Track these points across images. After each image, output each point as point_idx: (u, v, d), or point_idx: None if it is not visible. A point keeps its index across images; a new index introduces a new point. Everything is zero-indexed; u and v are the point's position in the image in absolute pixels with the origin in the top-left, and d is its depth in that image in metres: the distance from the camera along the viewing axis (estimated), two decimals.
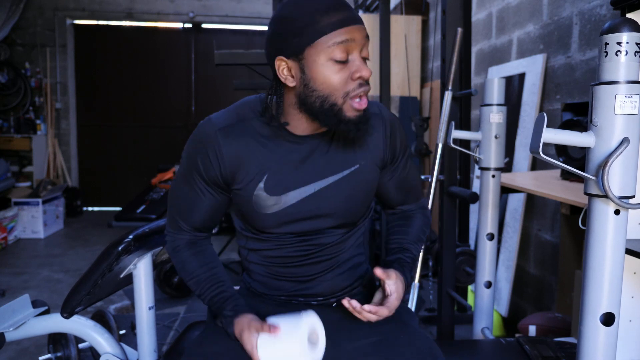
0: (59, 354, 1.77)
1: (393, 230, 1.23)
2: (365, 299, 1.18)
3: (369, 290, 1.22)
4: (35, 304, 1.52)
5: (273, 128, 1.04)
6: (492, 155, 1.83)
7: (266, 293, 1.16)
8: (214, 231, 1.21)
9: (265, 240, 1.11)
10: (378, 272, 1.03)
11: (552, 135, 0.88)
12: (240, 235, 1.18)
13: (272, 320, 0.97)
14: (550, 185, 1.87)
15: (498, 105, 1.81)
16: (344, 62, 0.95)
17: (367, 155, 1.09)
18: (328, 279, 1.13)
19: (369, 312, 0.99)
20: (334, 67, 0.94)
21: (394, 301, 1.03)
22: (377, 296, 1.06)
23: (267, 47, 1.00)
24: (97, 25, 6.33)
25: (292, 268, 1.12)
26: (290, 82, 0.98)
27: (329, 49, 0.93)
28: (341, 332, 1.09)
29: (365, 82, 0.97)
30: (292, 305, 1.15)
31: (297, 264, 1.11)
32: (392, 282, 1.03)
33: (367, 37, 0.98)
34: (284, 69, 0.98)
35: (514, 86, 2.83)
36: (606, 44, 0.86)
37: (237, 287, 1.26)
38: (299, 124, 1.03)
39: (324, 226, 1.09)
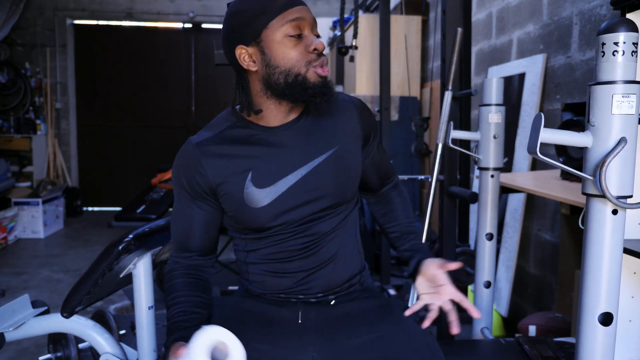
0: (59, 354, 1.77)
1: (383, 219, 1.33)
2: (363, 297, 1.19)
3: (366, 289, 1.22)
4: (35, 304, 1.52)
5: (247, 129, 1.11)
6: (490, 155, 1.83)
7: (265, 293, 1.16)
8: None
9: (264, 237, 1.12)
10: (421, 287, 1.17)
11: (550, 136, 0.88)
12: (238, 240, 1.19)
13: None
14: (550, 185, 1.88)
15: (497, 105, 1.81)
16: (298, 37, 1.04)
17: (344, 135, 1.15)
18: (326, 273, 1.13)
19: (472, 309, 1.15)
20: (290, 42, 1.03)
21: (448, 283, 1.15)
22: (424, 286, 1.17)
23: (225, 42, 1.08)
24: (97, 25, 6.34)
25: (290, 262, 1.12)
26: (253, 67, 1.06)
27: (283, 27, 1.02)
28: (340, 330, 1.10)
29: (321, 54, 1.06)
30: (290, 304, 1.15)
31: (296, 257, 1.12)
32: (435, 273, 1.14)
33: (314, 18, 1.07)
34: (245, 56, 1.06)
35: (514, 86, 2.83)
36: (603, 44, 0.86)
37: (235, 288, 1.26)
38: (269, 113, 1.09)
39: (318, 208, 1.11)
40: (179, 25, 6.37)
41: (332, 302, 1.17)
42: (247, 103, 1.10)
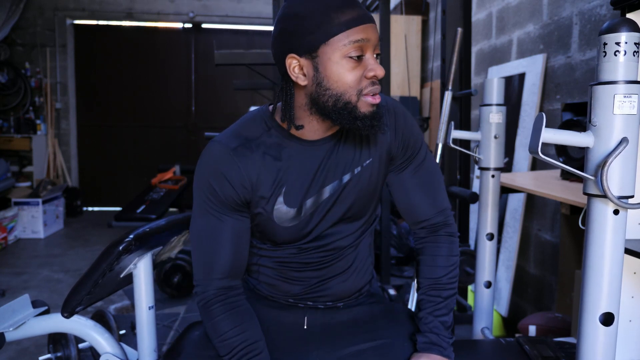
0: (59, 354, 1.77)
1: (419, 266, 1.16)
2: (369, 303, 1.18)
3: (372, 294, 1.22)
4: (35, 304, 1.52)
5: (284, 139, 1.02)
6: (491, 155, 1.83)
7: (272, 295, 1.14)
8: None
9: (282, 249, 1.09)
10: None
11: (551, 136, 0.88)
12: (252, 244, 1.13)
13: None
14: (550, 185, 1.88)
15: (497, 105, 1.81)
16: (358, 60, 0.94)
17: (377, 148, 1.07)
18: (339, 282, 1.12)
19: None
20: (348, 65, 0.93)
21: None
22: None
23: (276, 45, 0.97)
24: (97, 25, 6.33)
25: (306, 272, 1.10)
26: (302, 81, 0.96)
27: (344, 47, 0.92)
28: (344, 337, 1.10)
29: (378, 82, 0.97)
30: (297, 309, 1.14)
31: (313, 268, 1.09)
32: None
33: (379, 37, 0.98)
34: (295, 67, 0.95)
35: (514, 86, 2.83)
36: (605, 44, 0.86)
37: None
38: (310, 128, 1.01)
39: (340, 224, 1.07)
40: (179, 25, 6.37)
41: (340, 305, 1.16)
42: (289, 116, 1.00)
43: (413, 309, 1.98)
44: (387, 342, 1.06)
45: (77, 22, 6.28)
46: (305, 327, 1.13)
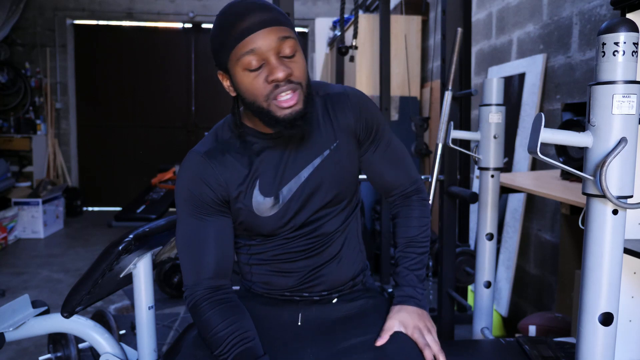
0: (59, 354, 1.77)
1: (395, 228, 1.25)
2: (364, 297, 1.20)
3: (368, 289, 1.23)
4: (35, 304, 1.52)
5: (249, 137, 1.09)
6: (491, 155, 1.83)
7: (268, 292, 1.17)
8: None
9: (270, 241, 1.12)
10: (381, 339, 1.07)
11: (550, 136, 0.88)
12: (242, 244, 1.16)
13: None
14: (550, 185, 1.88)
15: (497, 105, 1.81)
16: (257, 70, 0.96)
17: (342, 131, 1.12)
18: (330, 271, 1.14)
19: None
20: (248, 76, 0.97)
21: (413, 331, 1.09)
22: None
23: None
24: (97, 25, 6.34)
25: (297, 262, 1.13)
26: (232, 92, 1.05)
27: (239, 61, 0.96)
28: (338, 332, 1.10)
29: (286, 82, 0.96)
30: (293, 303, 1.15)
31: (301, 257, 1.12)
32: (394, 326, 1.09)
33: (283, 37, 0.96)
34: (224, 81, 1.05)
35: (514, 86, 2.83)
36: (603, 44, 0.86)
37: (236, 288, 1.26)
38: (262, 125, 1.06)
39: (320, 205, 1.11)
40: (179, 25, 6.37)
41: (334, 301, 1.17)
42: (235, 121, 1.09)
43: None
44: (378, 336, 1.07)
45: (77, 22, 6.28)
46: (299, 323, 1.14)
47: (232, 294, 1.09)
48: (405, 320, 1.09)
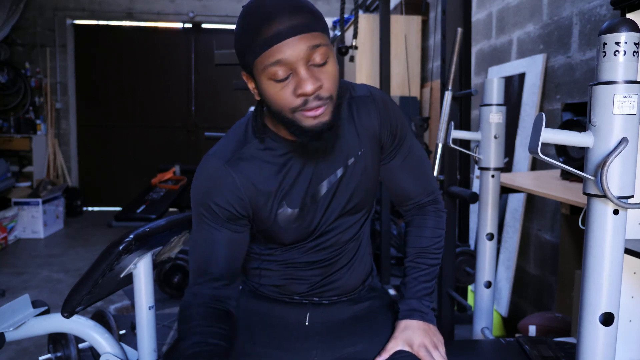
0: (59, 354, 1.77)
1: (406, 237, 1.19)
2: (370, 297, 1.19)
3: (373, 288, 1.23)
4: (35, 304, 1.52)
5: (274, 142, 1.01)
6: (491, 155, 1.83)
7: (278, 296, 1.14)
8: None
9: (286, 251, 1.09)
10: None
11: (551, 136, 0.88)
12: (254, 251, 1.13)
13: None
14: (550, 185, 1.87)
15: (497, 105, 1.81)
16: (284, 80, 0.88)
17: (367, 136, 1.06)
18: (341, 278, 1.12)
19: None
20: (276, 86, 0.89)
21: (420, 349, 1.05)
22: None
23: None
24: (97, 25, 6.34)
25: (311, 270, 1.10)
26: (257, 96, 0.96)
27: (265, 70, 0.88)
28: (343, 333, 1.10)
29: (316, 97, 0.88)
30: (300, 306, 1.13)
31: (318, 266, 1.10)
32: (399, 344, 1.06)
33: (315, 46, 0.87)
34: (249, 83, 0.96)
35: (514, 86, 2.83)
36: (604, 44, 0.86)
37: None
38: (287, 132, 0.99)
39: (341, 217, 1.07)
40: (179, 25, 6.37)
41: (344, 300, 1.16)
42: (257, 125, 1.01)
43: None
44: (384, 341, 1.07)
45: (77, 22, 6.28)
46: (306, 323, 1.13)
47: (230, 304, 1.04)
48: (410, 338, 1.05)
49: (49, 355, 1.78)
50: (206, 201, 0.99)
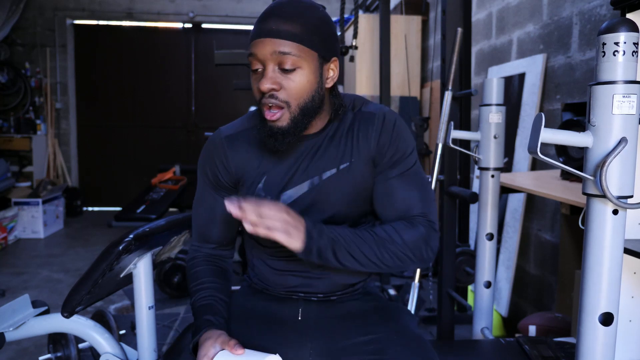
0: (59, 354, 1.77)
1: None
2: (364, 299, 1.19)
3: (368, 292, 1.22)
4: (35, 304, 1.52)
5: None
6: (491, 155, 1.83)
7: (267, 288, 1.18)
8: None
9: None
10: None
11: (550, 136, 0.88)
12: (245, 231, 1.18)
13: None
14: (550, 185, 1.88)
15: (497, 105, 1.81)
16: (255, 73, 1.02)
17: (359, 152, 1.08)
18: (329, 275, 1.13)
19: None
20: (252, 75, 1.03)
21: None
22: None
23: None
24: (97, 25, 6.34)
25: (295, 263, 1.12)
26: None
27: (248, 58, 1.02)
28: (338, 329, 1.10)
29: (270, 96, 0.99)
30: (291, 301, 1.16)
31: (298, 259, 1.10)
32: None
33: (281, 52, 0.97)
34: None
35: (514, 86, 2.83)
36: (604, 44, 0.86)
37: (237, 288, 1.27)
38: None
39: (320, 220, 1.09)
40: (179, 25, 6.37)
41: (334, 299, 1.17)
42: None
43: (413, 309, 1.99)
44: (379, 337, 1.07)
45: (77, 22, 6.28)
46: (299, 318, 1.14)
47: (227, 262, 1.20)
48: (288, 210, 0.94)
49: (49, 355, 1.78)
50: (203, 166, 1.15)
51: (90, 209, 6.45)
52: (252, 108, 1.17)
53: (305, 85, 1.00)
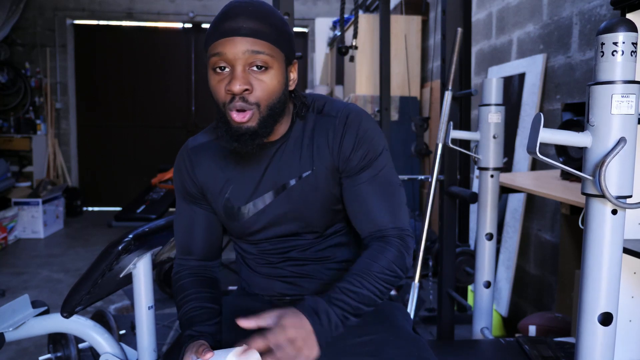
0: (59, 354, 1.77)
1: (355, 264, 0.99)
2: None
3: None
4: (35, 304, 1.52)
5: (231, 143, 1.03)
6: (490, 155, 1.83)
7: (257, 293, 1.19)
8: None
9: (247, 243, 1.15)
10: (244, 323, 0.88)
11: (549, 136, 0.88)
12: (234, 236, 1.21)
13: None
14: (550, 185, 1.88)
15: (496, 105, 1.81)
16: (222, 73, 0.95)
17: (320, 159, 1.04)
18: (315, 278, 1.13)
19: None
20: (214, 77, 0.97)
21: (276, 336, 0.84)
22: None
23: None
24: (97, 25, 6.34)
25: (276, 269, 1.14)
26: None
27: (210, 59, 0.96)
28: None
29: (241, 99, 0.94)
30: (282, 304, 1.16)
31: (279, 264, 1.14)
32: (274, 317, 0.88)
33: (254, 51, 0.93)
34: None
35: (514, 86, 2.83)
36: (602, 44, 0.86)
37: (234, 288, 1.27)
38: None
39: (291, 231, 1.09)
40: (179, 25, 6.37)
41: None
42: (216, 123, 1.05)
43: (413, 309, 1.98)
44: (375, 338, 1.06)
45: (77, 22, 6.28)
46: None
47: (214, 271, 1.17)
48: (289, 326, 0.85)
49: (49, 355, 1.78)
50: (175, 180, 1.14)
51: (90, 209, 6.45)
52: None
53: (276, 86, 0.96)
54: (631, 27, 0.85)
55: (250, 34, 0.93)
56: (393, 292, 3.08)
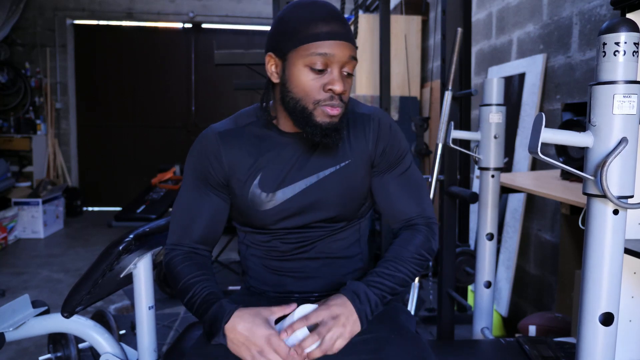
0: (59, 354, 1.77)
1: (387, 250, 1.13)
2: None
3: None
4: (35, 304, 1.52)
5: (266, 129, 1.11)
6: (491, 155, 1.83)
7: (264, 290, 1.19)
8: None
9: (265, 234, 1.15)
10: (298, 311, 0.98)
11: (551, 136, 0.88)
12: (240, 231, 1.22)
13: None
14: (550, 185, 1.88)
15: (497, 105, 1.81)
16: (320, 72, 1.00)
17: (356, 152, 1.12)
18: (324, 275, 1.16)
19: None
20: (309, 75, 1.00)
21: (326, 331, 0.95)
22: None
23: (266, 43, 1.08)
24: (97, 25, 6.33)
25: (288, 262, 1.15)
26: (275, 79, 1.06)
27: (308, 57, 0.99)
28: None
29: (339, 98, 1.02)
30: (289, 302, 1.15)
31: (292, 257, 1.15)
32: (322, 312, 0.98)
33: (352, 57, 1.02)
34: (271, 65, 1.06)
35: (514, 86, 2.83)
36: (604, 44, 0.86)
37: (236, 287, 1.27)
38: (285, 121, 1.09)
39: (317, 219, 1.12)
40: (179, 25, 6.37)
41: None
42: (264, 106, 1.10)
43: (413, 309, 1.99)
44: (376, 337, 1.06)
45: (77, 22, 6.28)
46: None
47: (206, 258, 1.15)
48: (333, 305, 0.98)
49: (49, 355, 1.78)
50: (193, 163, 1.12)
51: (90, 209, 6.45)
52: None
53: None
54: (633, 27, 0.85)
55: (351, 40, 1.02)
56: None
